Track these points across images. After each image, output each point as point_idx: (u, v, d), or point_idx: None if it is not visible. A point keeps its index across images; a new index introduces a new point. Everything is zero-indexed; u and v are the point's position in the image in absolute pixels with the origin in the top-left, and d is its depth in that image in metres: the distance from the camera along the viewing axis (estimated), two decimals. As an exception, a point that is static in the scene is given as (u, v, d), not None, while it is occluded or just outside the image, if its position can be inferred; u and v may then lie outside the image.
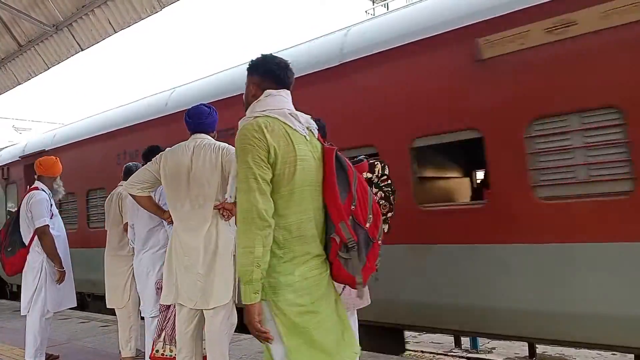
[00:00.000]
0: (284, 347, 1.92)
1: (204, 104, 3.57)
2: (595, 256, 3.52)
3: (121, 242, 4.61)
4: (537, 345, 5.67)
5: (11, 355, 5.31)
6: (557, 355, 6.22)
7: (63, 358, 5.03)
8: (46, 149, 8.97)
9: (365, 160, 3.32)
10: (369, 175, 3.15)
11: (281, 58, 2.20)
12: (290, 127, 2.05)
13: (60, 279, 4.53)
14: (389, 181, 3.22)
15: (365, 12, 20.86)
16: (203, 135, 3.44)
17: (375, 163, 3.19)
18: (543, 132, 3.81)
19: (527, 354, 5.77)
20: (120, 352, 4.64)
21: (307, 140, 2.08)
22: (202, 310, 3.28)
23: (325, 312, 2.01)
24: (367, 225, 2.04)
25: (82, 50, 7.43)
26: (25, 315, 4.58)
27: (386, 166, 3.23)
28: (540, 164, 3.83)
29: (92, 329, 6.44)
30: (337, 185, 2.03)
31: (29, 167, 9.24)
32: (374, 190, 3.15)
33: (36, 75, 8.41)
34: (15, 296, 10.02)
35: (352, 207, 2.01)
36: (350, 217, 2.01)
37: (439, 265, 4.25)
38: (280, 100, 2.12)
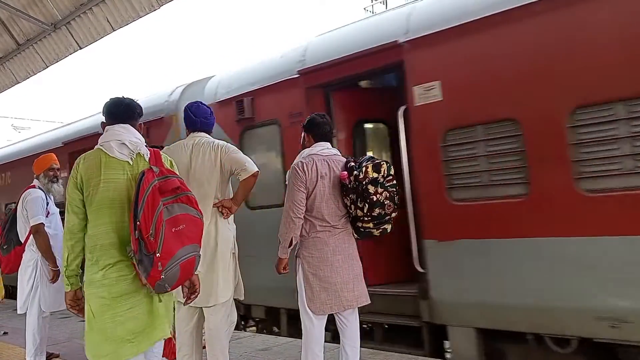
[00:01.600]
0: (89, 326, 2.53)
1: (202, 103, 3.56)
2: None
3: None
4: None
5: (12, 354, 5.32)
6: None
7: (63, 356, 5.03)
8: (399, 41, 4.38)
9: (351, 159, 3.29)
10: (375, 175, 3.10)
11: (119, 98, 2.76)
12: (108, 155, 2.56)
13: (54, 278, 4.51)
14: (394, 181, 3.20)
15: (364, 9, 20.78)
16: (202, 133, 3.44)
17: (382, 163, 3.17)
18: None
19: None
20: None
21: (130, 164, 2.57)
22: (201, 308, 3.28)
23: (124, 308, 2.47)
24: (151, 239, 2.33)
25: (81, 48, 7.43)
26: (24, 314, 4.58)
27: (391, 166, 3.21)
28: None
29: (93, 327, 6.43)
30: (133, 203, 2.42)
31: (316, 92, 5.05)
32: (380, 190, 3.09)
33: (35, 74, 8.39)
34: None
35: (137, 222, 2.35)
36: (138, 231, 2.35)
37: None
38: (111, 133, 2.64)
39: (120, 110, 2.70)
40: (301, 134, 3.44)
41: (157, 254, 2.34)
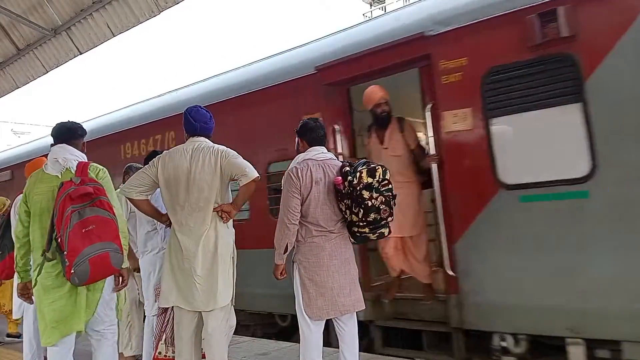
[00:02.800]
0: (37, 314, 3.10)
1: (201, 107, 3.57)
2: None
3: None
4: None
5: None
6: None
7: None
8: None
9: (347, 164, 3.27)
10: (370, 180, 3.08)
11: (62, 123, 3.32)
12: (44, 172, 3.15)
13: None
14: (390, 185, 3.19)
15: (363, 15, 20.86)
16: (202, 138, 3.43)
17: (377, 167, 3.14)
18: None
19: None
20: (121, 352, 4.63)
21: (59, 178, 3.08)
22: (200, 312, 3.28)
23: (49, 300, 3.00)
24: (59, 240, 2.85)
25: (81, 53, 7.46)
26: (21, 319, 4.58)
27: (387, 170, 3.20)
28: None
29: (91, 332, 6.41)
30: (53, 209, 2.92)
31: None
32: (375, 195, 3.08)
33: (35, 79, 8.42)
34: None
35: (54, 226, 2.88)
36: (55, 233, 2.87)
37: None
38: (51, 153, 3.20)
39: (62, 133, 3.27)
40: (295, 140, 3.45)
41: (65, 252, 2.82)
